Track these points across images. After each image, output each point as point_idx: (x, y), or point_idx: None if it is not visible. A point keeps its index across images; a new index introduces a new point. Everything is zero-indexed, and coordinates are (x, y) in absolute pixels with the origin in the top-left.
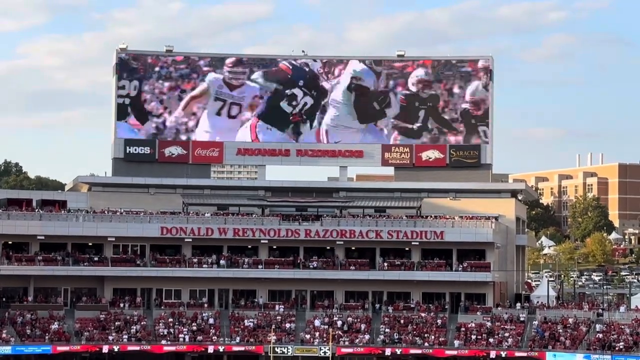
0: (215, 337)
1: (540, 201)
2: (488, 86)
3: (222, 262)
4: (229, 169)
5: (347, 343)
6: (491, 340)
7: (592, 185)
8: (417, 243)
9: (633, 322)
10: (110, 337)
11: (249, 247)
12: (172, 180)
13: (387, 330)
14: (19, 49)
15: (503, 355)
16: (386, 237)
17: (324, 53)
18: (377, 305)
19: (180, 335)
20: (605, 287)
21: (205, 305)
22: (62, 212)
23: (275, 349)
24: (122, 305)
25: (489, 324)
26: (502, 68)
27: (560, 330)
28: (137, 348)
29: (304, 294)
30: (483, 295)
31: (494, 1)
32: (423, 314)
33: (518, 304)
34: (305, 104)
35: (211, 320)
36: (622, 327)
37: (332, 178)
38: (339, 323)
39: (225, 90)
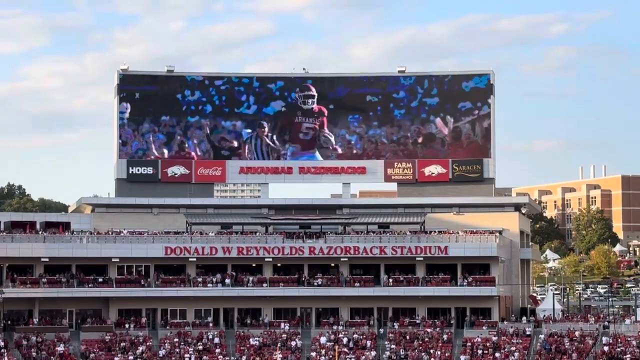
0: (221, 357)
1: (544, 214)
2: (489, 100)
3: (226, 281)
4: (232, 187)
5: None
6: (497, 354)
7: (595, 197)
8: (422, 258)
9: (639, 334)
10: (116, 358)
11: (253, 265)
12: (175, 200)
13: (393, 346)
14: (20, 70)
15: None
16: (390, 253)
17: (326, 70)
18: (382, 329)
19: (186, 355)
20: (610, 299)
21: (211, 324)
22: (66, 233)
23: None
24: (127, 326)
25: (495, 338)
26: (504, 81)
27: (567, 344)
28: None
29: (309, 312)
30: (488, 309)
31: (494, 15)
32: (429, 330)
33: (524, 318)
34: None
35: (217, 340)
36: (629, 339)
37: (335, 195)
38: (345, 340)
39: None
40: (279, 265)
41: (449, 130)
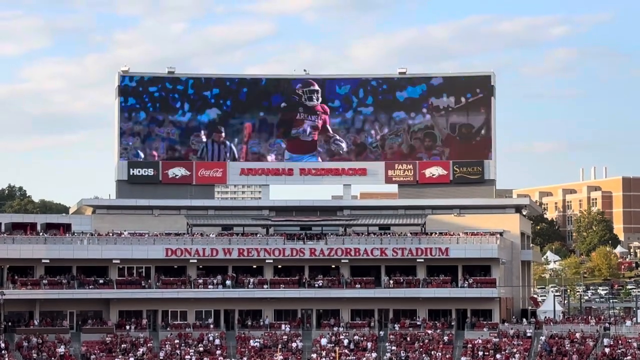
0: (222, 358)
1: (545, 216)
2: (490, 101)
3: (227, 282)
4: (232, 189)
5: None
6: (498, 356)
7: (596, 199)
8: (422, 260)
9: None
10: None
11: (254, 267)
12: (176, 202)
13: (393, 348)
14: (21, 72)
15: None
16: (391, 254)
17: (326, 71)
18: (382, 330)
19: (186, 357)
20: (611, 301)
21: (211, 326)
22: (67, 235)
23: None
24: (128, 327)
25: (495, 340)
26: (504, 83)
27: (568, 346)
28: None
29: (310, 313)
30: (489, 311)
31: (495, 16)
32: (429, 331)
33: (524, 320)
34: None
35: (217, 341)
36: (630, 340)
37: (336, 196)
38: (346, 342)
39: None
40: (279, 266)
41: (449, 131)
